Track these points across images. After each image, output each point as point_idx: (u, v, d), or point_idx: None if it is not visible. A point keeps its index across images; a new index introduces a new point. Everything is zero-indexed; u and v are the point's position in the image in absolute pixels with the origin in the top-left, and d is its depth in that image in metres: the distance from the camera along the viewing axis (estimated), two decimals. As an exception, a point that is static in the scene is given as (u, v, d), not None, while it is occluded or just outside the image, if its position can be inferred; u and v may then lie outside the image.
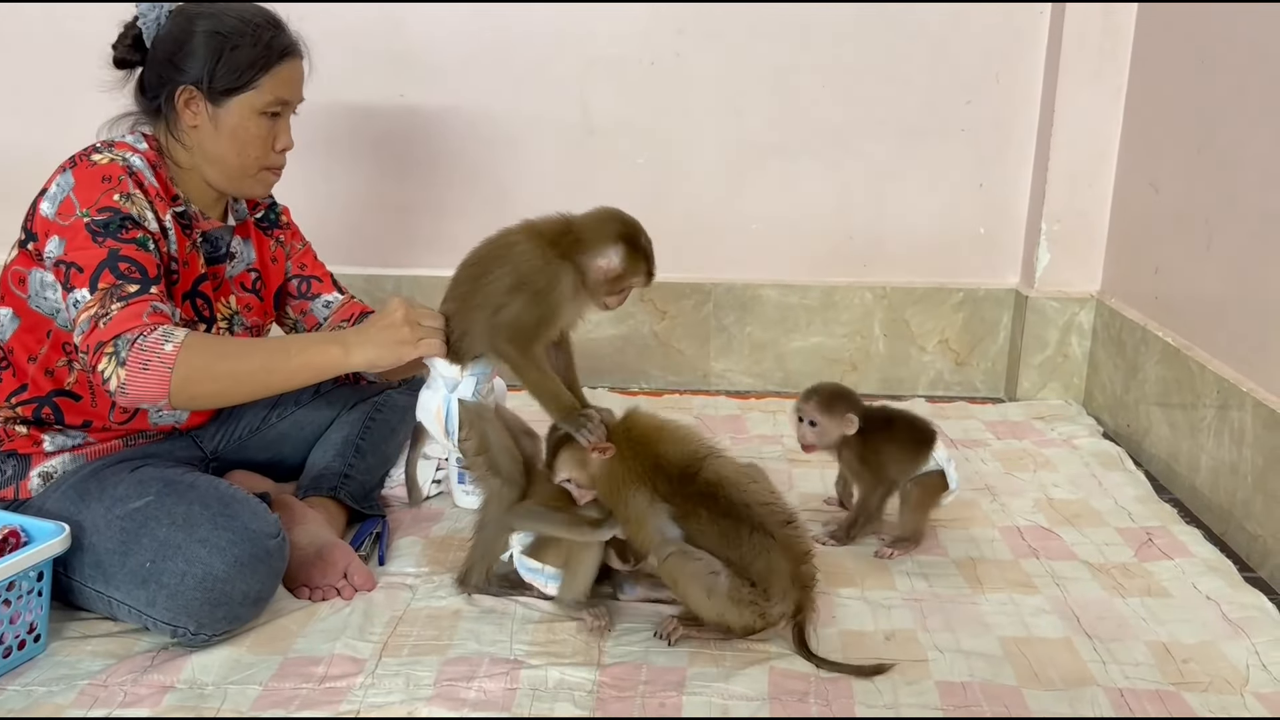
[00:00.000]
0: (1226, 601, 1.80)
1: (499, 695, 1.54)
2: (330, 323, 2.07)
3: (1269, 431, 1.97)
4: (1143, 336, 2.51)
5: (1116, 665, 1.62)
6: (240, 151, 1.79)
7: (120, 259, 1.63)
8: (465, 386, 1.73)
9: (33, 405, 1.75)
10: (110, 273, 1.61)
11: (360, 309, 2.08)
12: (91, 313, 1.59)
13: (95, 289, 1.61)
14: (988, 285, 2.93)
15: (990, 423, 2.67)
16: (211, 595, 1.60)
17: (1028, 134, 2.83)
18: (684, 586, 1.59)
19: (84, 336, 1.59)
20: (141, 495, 1.67)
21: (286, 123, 1.84)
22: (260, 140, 1.80)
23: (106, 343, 1.56)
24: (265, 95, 1.77)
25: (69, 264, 1.63)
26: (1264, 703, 1.53)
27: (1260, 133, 2.09)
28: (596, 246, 1.67)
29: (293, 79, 1.82)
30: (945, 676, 1.58)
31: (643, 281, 1.73)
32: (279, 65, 1.78)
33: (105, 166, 1.69)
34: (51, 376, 1.75)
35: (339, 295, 2.10)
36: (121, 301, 1.59)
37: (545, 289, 1.66)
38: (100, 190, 1.67)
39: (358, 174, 2.92)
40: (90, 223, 1.64)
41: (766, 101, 2.84)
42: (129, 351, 1.55)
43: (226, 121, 1.77)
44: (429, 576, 1.87)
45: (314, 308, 2.08)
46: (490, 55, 2.82)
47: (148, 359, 1.55)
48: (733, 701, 1.52)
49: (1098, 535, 2.04)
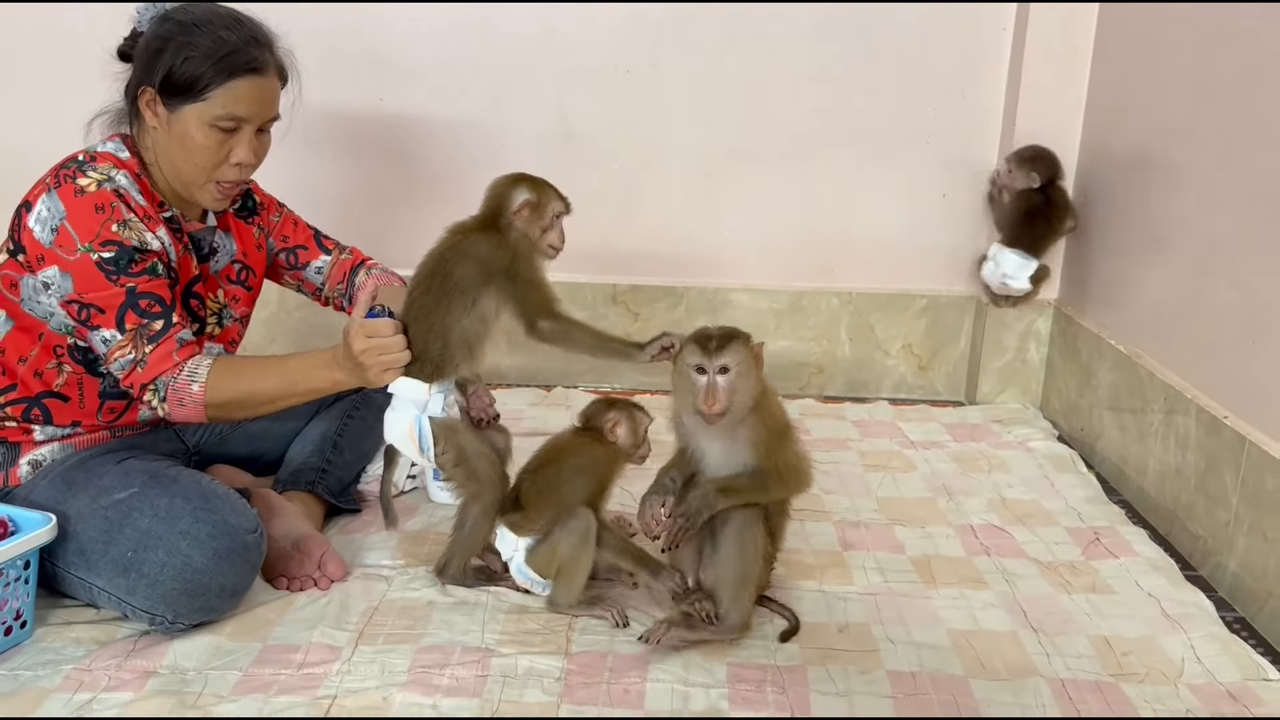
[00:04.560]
0: (1167, 598, 1.88)
1: (470, 682, 1.60)
2: (329, 284, 2.14)
3: (1210, 436, 2.07)
4: (1097, 344, 2.61)
5: (1059, 657, 1.70)
6: (188, 160, 1.79)
7: (139, 296, 1.73)
8: (434, 403, 1.80)
9: (22, 406, 1.80)
10: (134, 312, 1.73)
11: (351, 263, 2.15)
12: (127, 356, 1.74)
13: (123, 329, 1.73)
14: (950, 292, 3.02)
15: (949, 425, 2.76)
16: (190, 586, 1.66)
17: (990, 145, 2.92)
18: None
19: (125, 375, 1.76)
20: (126, 487, 1.73)
21: (246, 139, 1.80)
22: (208, 152, 1.78)
23: (148, 385, 1.75)
24: (215, 108, 1.76)
25: (87, 305, 1.72)
26: (1196, 693, 1.62)
27: (1206, 154, 2.19)
28: (509, 198, 1.82)
29: (251, 97, 1.78)
30: (895, 666, 1.66)
31: (560, 204, 1.84)
32: (234, 80, 1.75)
33: (95, 195, 1.72)
34: (40, 378, 1.80)
35: (327, 257, 2.14)
36: (152, 343, 1.75)
37: (520, 256, 1.79)
38: (97, 221, 1.71)
39: (335, 174, 2.96)
40: (99, 260, 1.71)
41: (738, 111, 2.91)
42: (166, 391, 1.76)
43: (177, 128, 1.77)
44: (404, 569, 1.93)
45: (307, 275, 2.14)
46: (470, 60, 2.88)
47: (181, 397, 1.76)
48: (693, 689, 1.60)
49: (1048, 534, 2.13)
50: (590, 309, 3.00)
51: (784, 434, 1.74)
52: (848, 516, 2.20)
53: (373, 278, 2.12)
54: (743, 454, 1.71)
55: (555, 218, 1.83)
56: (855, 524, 2.16)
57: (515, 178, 1.85)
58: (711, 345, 1.66)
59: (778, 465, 1.71)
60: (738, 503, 1.70)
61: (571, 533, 1.75)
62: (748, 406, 1.69)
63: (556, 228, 1.84)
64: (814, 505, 2.20)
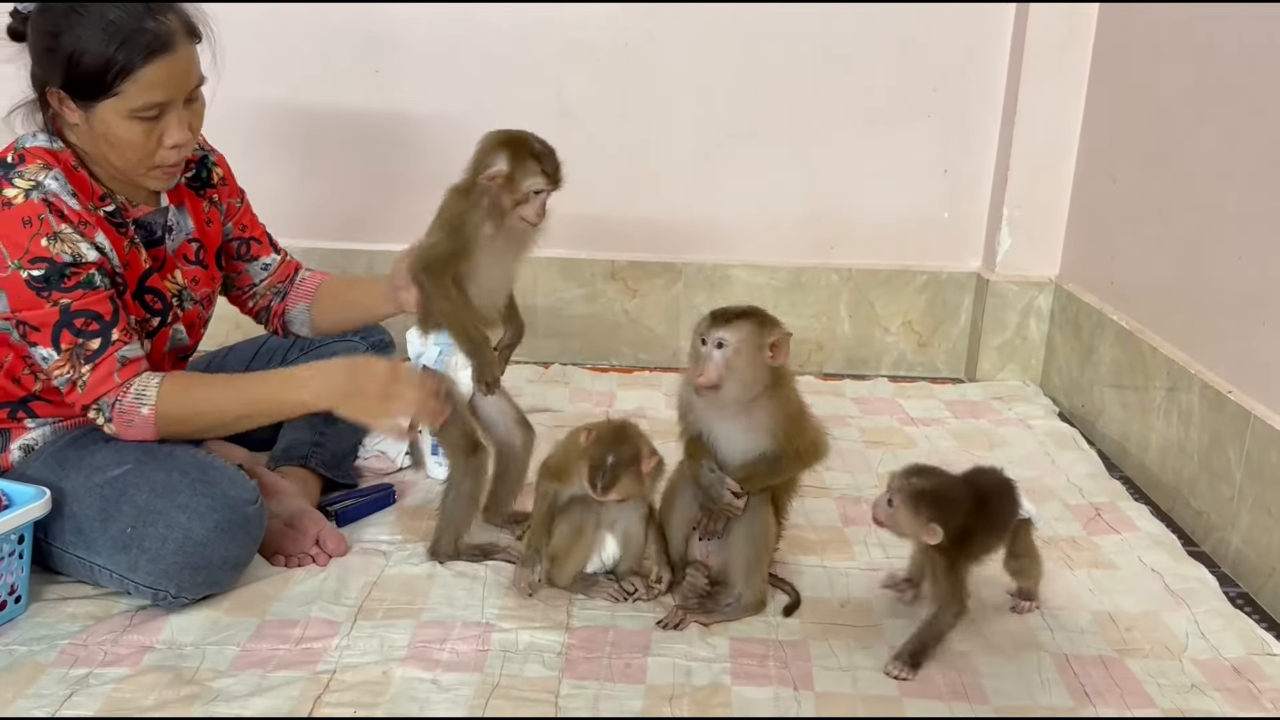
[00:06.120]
0: (1170, 574, 1.88)
1: (471, 656, 1.59)
2: (267, 283, 2.06)
3: (1214, 412, 2.06)
4: (1098, 320, 2.59)
5: (1063, 632, 1.70)
6: (119, 154, 1.67)
7: (73, 315, 1.63)
8: (429, 354, 1.83)
9: (7, 409, 1.77)
10: (69, 331, 1.63)
11: (293, 267, 2.10)
12: (65, 375, 1.65)
13: (59, 349, 1.64)
14: (950, 269, 3.00)
15: (950, 402, 2.75)
16: (192, 559, 1.64)
17: (992, 122, 2.89)
18: None
19: (66, 393, 1.68)
20: (120, 463, 1.71)
21: (174, 119, 1.66)
22: (137, 144, 1.65)
23: (90, 405, 1.67)
24: (131, 100, 1.61)
25: (22, 322, 1.63)
26: (1201, 668, 1.61)
27: (1211, 128, 2.17)
28: (484, 162, 1.73)
29: (167, 78, 1.62)
30: (897, 641, 1.64)
31: (540, 180, 1.72)
32: (143, 68, 1.59)
33: (22, 207, 1.61)
34: (19, 384, 1.75)
35: (276, 256, 2.07)
36: (89, 363, 1.65)
37: (458, 221, 1.74)
38: (25, 236, 1.60)
39: (330, 151, 2.93)
40: (29, 279, 1.60)
41: (738, 86, 2.88)
42: (111, 413, 1.68)
43: (97, 125, 1.64)
44: (402, 544, 1.91)
45: (251, 269, 2.04)
46: (465, 35, 2.84)
47: (130, 418, 1.68)
48: (695, 663, 1.59)
49: (1049, 510, 2.11)
50: (588, 285, 2.98)
51: (799, 418, 1.69)
52: (848, 493, 2.18)
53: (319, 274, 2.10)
54: (758, 439, 1.67)
55: (533, 193, 1.73)
56: (856, 500, 2.14)
57: (500, 140, 1.74)
58: (717, 318, 1.63)
59: (798, 448, 1.67)
60: (756, 489, 1.68)
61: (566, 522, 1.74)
62: (746, 390, 1.63)
63: (534, 202, 1.73)
64: (815, 482, 2.18)
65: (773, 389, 1.65)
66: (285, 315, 2.09)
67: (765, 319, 1.65)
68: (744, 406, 1.65)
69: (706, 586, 1.75)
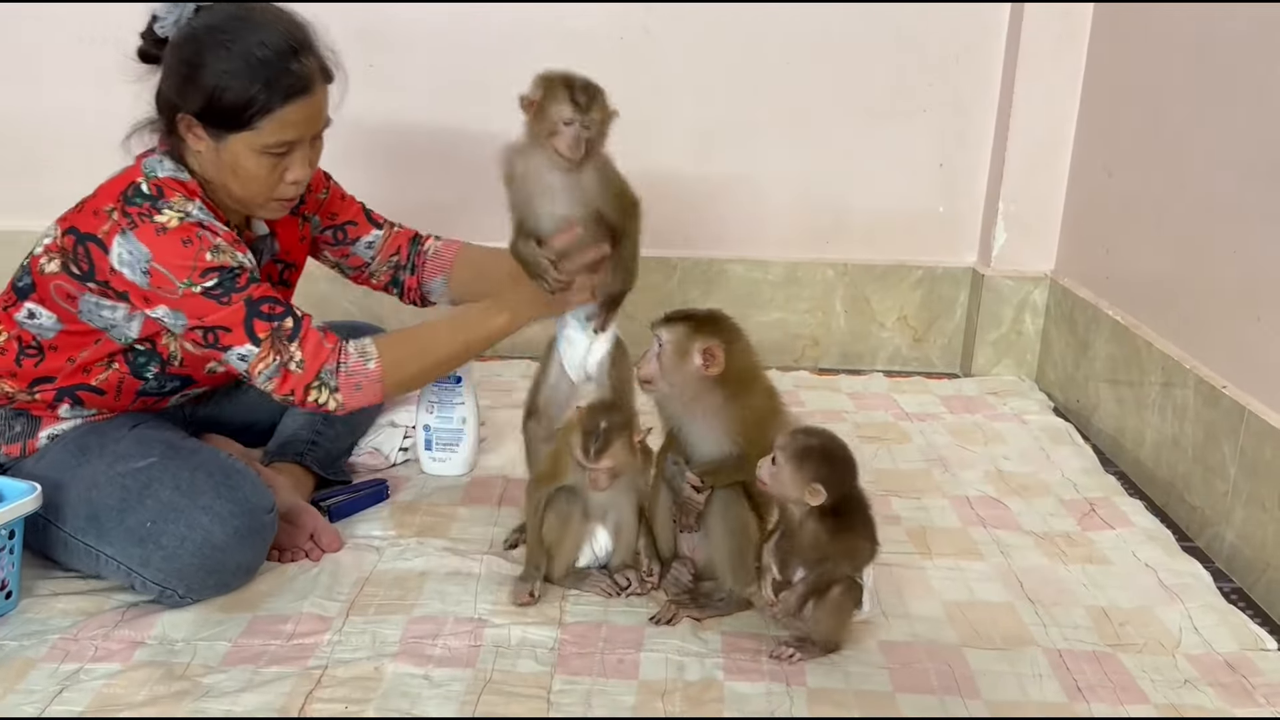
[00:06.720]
0: (1164, 569, 1.87)
1: (463, 652, 1.59)
2: (380, 259, 2.06)
3: (1209, 407, 2.05)
4: (1093, 315, 2.59)
5: (1056, 628, 1.69)
6: (242, 186, 1.70)
7: (258, 303, 1.66)
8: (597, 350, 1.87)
9: (53, 393, 1.76)
10: (259, 320, 1.66)
11: (407, 236, 2.09)
12: (273, 364, 1.66)
13: (257, 340, 1.65)
14: (946, 264, 2.99)
15: (945, 397, 2.74)
16: (208, 562, 1.64)
17: (987, 116, 2.89)
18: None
19: (278, 385, 1.68)
20: (144, 455, 1.71)
21: (301, 154, 1.71)
22: (261, 177, 1.69)
23: (311, 383, 1.68)
24: (266, 137, 1.65)
25: (211, 328, 1.65)
26: (1194, 663, 1.61)
27: (1207, 123, 2.16)
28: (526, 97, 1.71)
29: (302, 119, 1.67)
30: (890, 637, 1.65)
31: (568, 110, 1.67)
32: (283, 108, 1.64)
33: (178, 230, 1.63)
34: (87, 374, 1.75)
35: (379, 232, 2.06)
36: (294, 340, 1.67)
37: (507, 171, 1.75)
38: (189, 255, 1.62)
39: (328, 148, 2.92)
40: (204, 291, 1.63)
41: (733, 81, 2.87)
42: (337, 379, 1.69)
43: (226, 156, 1.67)
44: (395, 540, 1.91)
45: (356, 251, 2.06)
46: (461, 30, 2.83)
47: (357, 380, 1.70)
48: (688, 659, 1.58)
49: (1043, 506, 2.11)
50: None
51: (764, 423, 1.67)
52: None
53: (453, 244, 2.11)
54: (719, 440, 1.67)
55: (563, 124, 1.67)
56: (850, 495, 2.14)
57: (543, 73, 1.73)
58: (666, 317, 1.68)
59: (761, 451, 1.64)
60: (719, 485, 1.68)
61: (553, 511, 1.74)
62: (680, 391, 1.64)
63: (565, 134, 1.67)
64: (809, 477, 2.19)
65: (735, 393, 1.65)
66: (423, 288, 2.10)
67: (705, 326, 1.65)
68: (706, 406, 1.65)
69: (690, 581, 1.74)
